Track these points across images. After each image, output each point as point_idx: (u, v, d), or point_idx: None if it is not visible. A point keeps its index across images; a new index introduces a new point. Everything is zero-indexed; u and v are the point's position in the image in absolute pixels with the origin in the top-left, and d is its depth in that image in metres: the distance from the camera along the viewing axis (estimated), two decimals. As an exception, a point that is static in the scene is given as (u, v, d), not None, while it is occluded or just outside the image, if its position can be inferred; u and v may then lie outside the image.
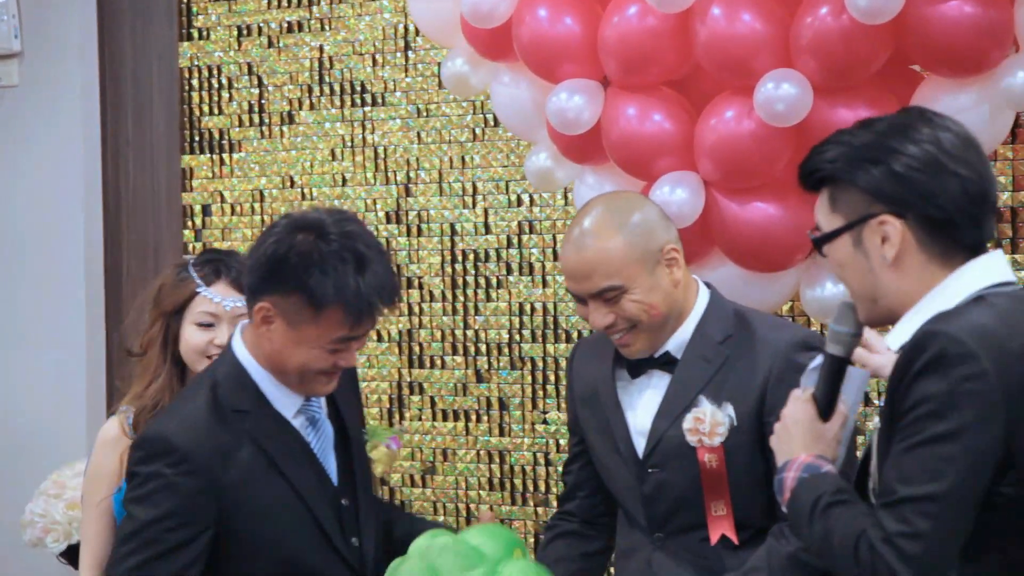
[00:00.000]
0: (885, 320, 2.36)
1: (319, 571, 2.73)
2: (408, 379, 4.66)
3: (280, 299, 2.63)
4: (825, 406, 2.42)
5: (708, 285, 2.90)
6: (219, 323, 3.19)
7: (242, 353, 2.74)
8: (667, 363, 2.83)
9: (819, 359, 2.47)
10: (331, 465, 2.79)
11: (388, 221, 4.68)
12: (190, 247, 4.94)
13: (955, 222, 2.23)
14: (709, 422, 2.73)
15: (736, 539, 2.76)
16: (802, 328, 3.20)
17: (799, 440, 2.38)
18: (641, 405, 2.85)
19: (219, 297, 3.21)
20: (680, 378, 2.80)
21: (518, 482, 4.52)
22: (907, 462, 2.14)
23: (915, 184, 2.21)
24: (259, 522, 2.67)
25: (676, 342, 2.83)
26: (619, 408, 2.87)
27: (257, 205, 4.89)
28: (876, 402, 3.88)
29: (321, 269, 2.59)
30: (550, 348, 4.47)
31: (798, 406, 2.42)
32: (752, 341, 2.78)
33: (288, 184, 4.83)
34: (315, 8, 4.80)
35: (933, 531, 2.10)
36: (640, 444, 2.83)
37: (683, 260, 2.83)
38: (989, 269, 2.25)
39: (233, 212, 4.94)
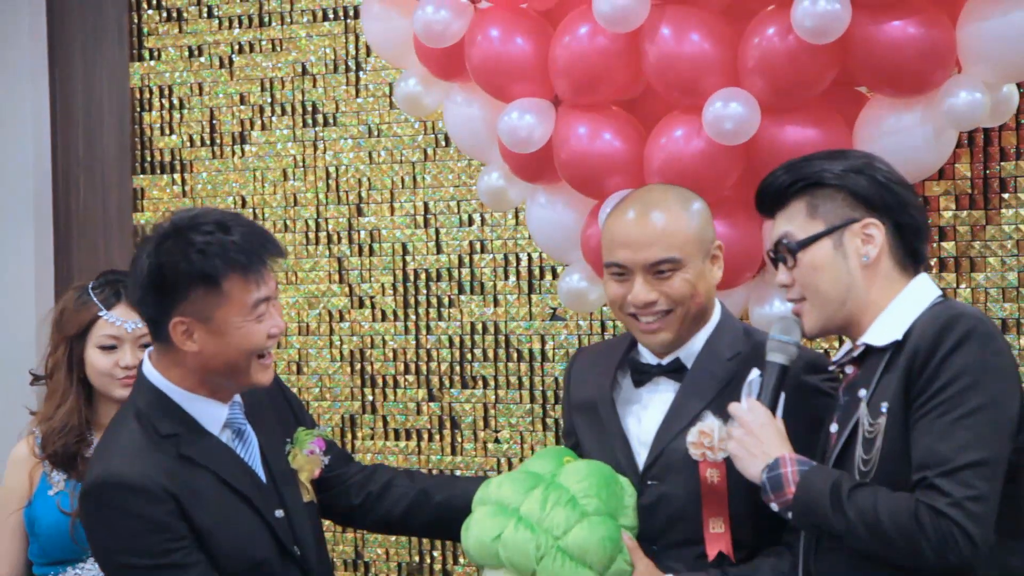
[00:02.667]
0: (838, 329, 2.59)
1: None
2: (360, 399, 4.67)
3: (185, 305, 2.66)
4: (772, 411, 2.60)
5: (719, 301, 2.89)
6: (122, 345, 3.22)
7: (157, 379, 2.75)
8: (675, 371, 2.80)
9: (756, 372, 2.65)
10: (261, 476, 2.82)
11: (340, 241, 4.69)
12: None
13: (920, 231, 2.54)
14: (714, 436, 2.67)
15: (733, 557, 2.70)
16: (809, 349, 3.11)
17: (771, 441, 2.54)
18: (645, 415, 2.82)
19: (120, 320, 3.23)
20: (687, 391, 2.77)
21: (470, 500, 4.52)
22: (957, 432, 2.33)
23: (895, 193, 2.53)
24: (220, 537, 2.69)
25: (688, 350, 2.81)
26: (618, 418, 2.83)
27: (209, 225, 4.88)
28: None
29: (198, 251, 2.64)
30: (501, 367, 4.49)
31: (758, 411, 2.58)
32: (760, 360, 2.70)
33: (240, 204, 4.83)
34: (266, 29, 4.81)
35: (991, 493, 2.32)
36: (641, 455, 2.79)
37: (722, 264, 2.84)
38: (931, 282, 2.55)
39: (184, 232, 4.92)
